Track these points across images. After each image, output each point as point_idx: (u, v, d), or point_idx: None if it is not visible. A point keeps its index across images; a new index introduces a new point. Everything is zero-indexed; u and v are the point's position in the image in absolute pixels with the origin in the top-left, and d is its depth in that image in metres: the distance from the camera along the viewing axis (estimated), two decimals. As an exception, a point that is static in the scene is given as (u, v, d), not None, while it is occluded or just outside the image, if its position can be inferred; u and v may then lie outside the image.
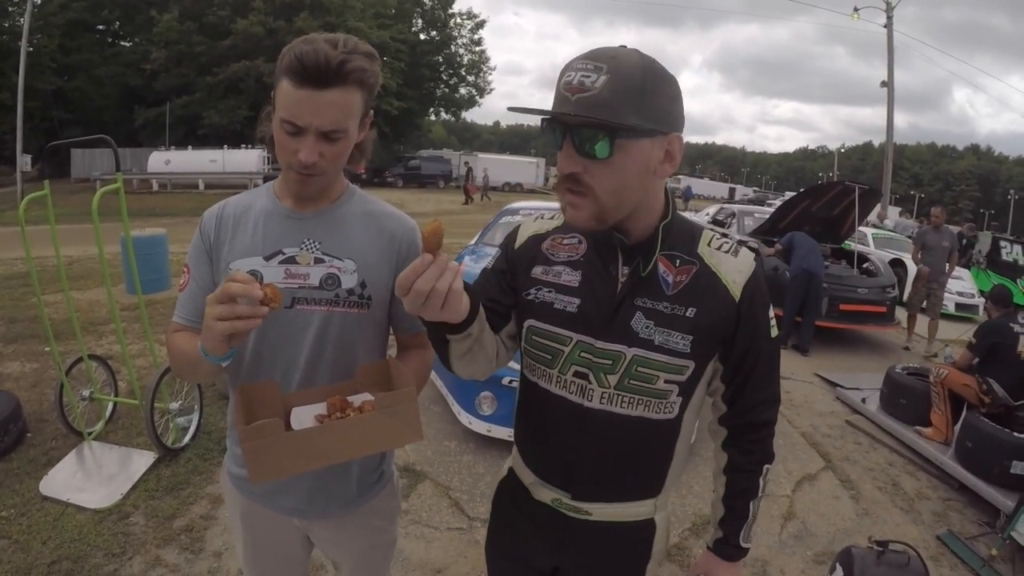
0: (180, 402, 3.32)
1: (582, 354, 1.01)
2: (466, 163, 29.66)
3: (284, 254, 1.13)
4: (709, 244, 1.03)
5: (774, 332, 1.05)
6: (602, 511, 1.09)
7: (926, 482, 3.71)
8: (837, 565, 2.52)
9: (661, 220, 1.00)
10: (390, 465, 1.38)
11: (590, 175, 0.90)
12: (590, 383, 1.02)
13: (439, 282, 0.78)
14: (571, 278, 1.04)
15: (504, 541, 1.25)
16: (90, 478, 2.93)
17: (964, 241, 11.63)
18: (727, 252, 1.02)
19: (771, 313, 1.05)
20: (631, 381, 1.00)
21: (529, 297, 1.07)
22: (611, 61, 0.84)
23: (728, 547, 1.12)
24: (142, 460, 3.09)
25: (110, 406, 3.52)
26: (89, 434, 3.25)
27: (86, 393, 3.35)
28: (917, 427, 4.14)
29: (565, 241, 1.08)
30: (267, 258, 1.13)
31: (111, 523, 2.61)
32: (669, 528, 1.19)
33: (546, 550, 1.15)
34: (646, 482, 1.09)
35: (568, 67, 0.88)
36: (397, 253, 1.19)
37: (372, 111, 1.13)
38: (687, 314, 0.98)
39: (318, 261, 1.13)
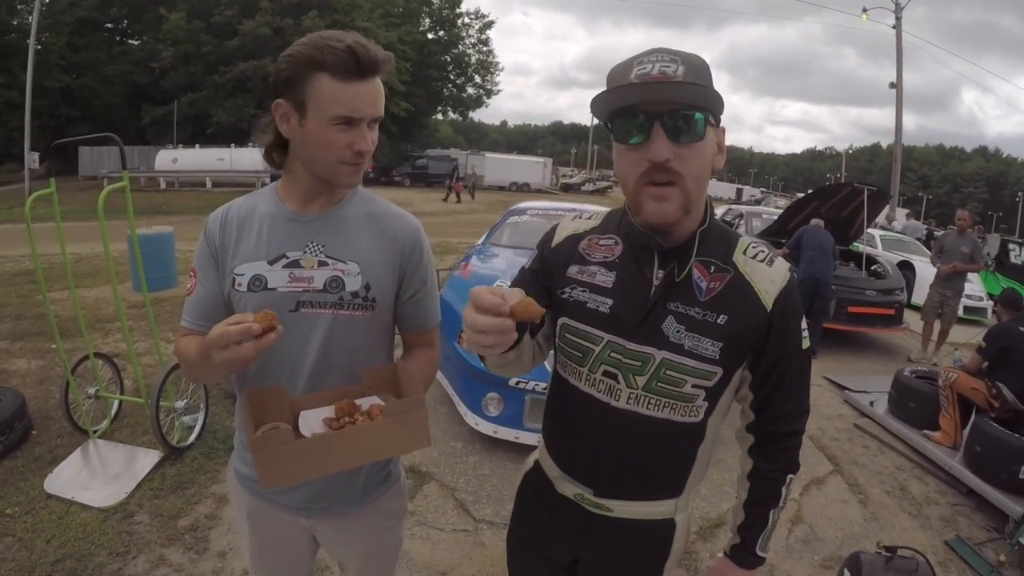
0: (185, 401, 3.32)
1: (612, 354, 1.02)
2: (452, 159, 29.57)
3: (288, 258, 1.12)
4: (744, 252, 1.04)
5: (806, 343, 1.05)
6: (623, 508, 1.10)
7: (934, 487, 3.68)
8: (845, 571, 2.49)
9: (699, 226, 1.01)
10: (397, 465, 1.37)
11: (680, 161, 0.91)
12: (618, 383, 1.03)
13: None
14: (605, 279, 1.05)
15: (525, 532, 1.27)
16: (95, 476, 2.94)
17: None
18: (762, 261, 1.03)
19: (803, 324, 1.05)
20: (659, 384, 1.01)
21: (564, 296, 1.08)
22: (680, 55, 0.90)
23: (745, 554, 1.12)
24: (147, 459, 3.09)
25: (115, 404, 3.53)
26: (94, 432, 3.26)
27: (91, 391, 3.36)
28: (925, 431, 4.11)
29: (601, 242, 1.09)
30: (271, 262, 1.12)
31: (115, 522, 2.61)
32: (689, 529, 1.20)
33: (566, 543, 1.17)
34: (668, 483, 1.10)
35: (638, 61, 0.91)
36: (400, 254, 1.18)
37: None
38: (718, 321, 0.98)
39: (322, 264, 1.13)
